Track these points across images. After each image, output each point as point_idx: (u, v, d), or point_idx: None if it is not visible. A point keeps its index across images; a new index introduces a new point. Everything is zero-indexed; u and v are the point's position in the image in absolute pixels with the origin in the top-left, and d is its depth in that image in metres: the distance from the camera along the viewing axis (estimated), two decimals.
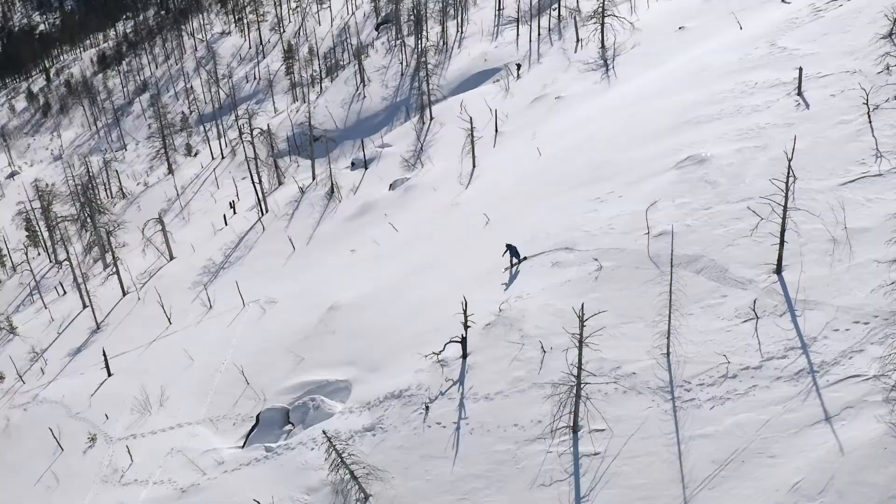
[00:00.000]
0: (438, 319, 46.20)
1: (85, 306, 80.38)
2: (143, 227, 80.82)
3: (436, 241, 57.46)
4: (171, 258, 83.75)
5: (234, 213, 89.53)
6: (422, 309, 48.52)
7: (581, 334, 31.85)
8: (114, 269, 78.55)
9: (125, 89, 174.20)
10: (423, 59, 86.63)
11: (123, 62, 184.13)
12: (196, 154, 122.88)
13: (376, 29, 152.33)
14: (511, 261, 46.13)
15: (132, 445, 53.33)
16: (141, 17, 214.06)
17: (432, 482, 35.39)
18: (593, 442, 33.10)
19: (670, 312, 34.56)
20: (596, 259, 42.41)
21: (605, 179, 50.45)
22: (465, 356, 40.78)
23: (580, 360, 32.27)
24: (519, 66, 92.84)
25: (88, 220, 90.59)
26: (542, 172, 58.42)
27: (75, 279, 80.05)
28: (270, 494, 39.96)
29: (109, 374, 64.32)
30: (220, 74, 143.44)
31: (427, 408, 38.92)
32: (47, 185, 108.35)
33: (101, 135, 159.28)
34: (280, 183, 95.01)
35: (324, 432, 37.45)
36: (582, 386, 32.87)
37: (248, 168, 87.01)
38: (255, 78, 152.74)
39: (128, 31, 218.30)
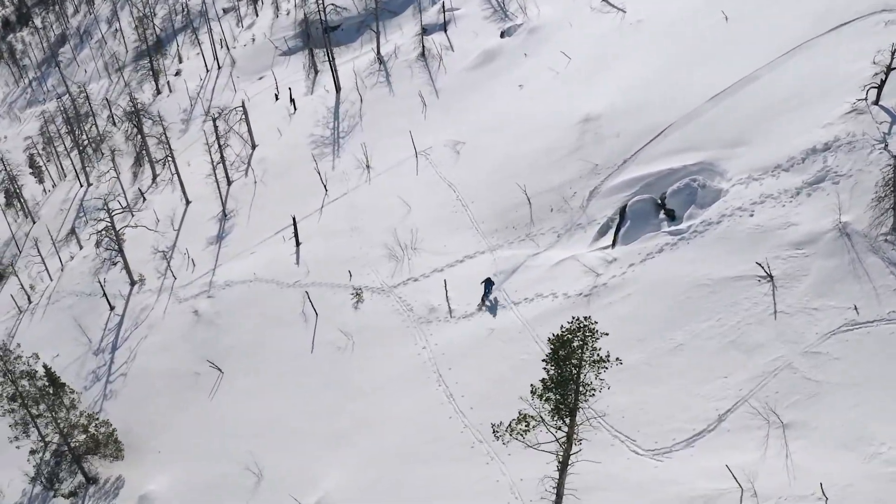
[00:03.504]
0: (786, 82, 39.59)
1: (189, 202, 65.42)
2: (226, 117, 65.93)
3: (658, 46, 49.52)
4: (255, 146, 69.66)
5: (292, 98, 75.82)
6: (742, 86, 41.30)
7: None
8: (218, 159, 63.81)
9: (44, 43, 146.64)
10: None
11: (35, 19, 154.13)
12: (178, 73, 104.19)
13: None
14: (483, 295, 39.68)
15: (408, 287, 43.10)
16: None
17: None
18: None
19: None
20: None
21: None
22: (878, 101, 34.40)
23: None
24: None
25: (134, 129, 73.70)
26: None
27: (178, 175, 64.52)
28: (726, 266, 32.58)
29: (299, 243, 51.91)
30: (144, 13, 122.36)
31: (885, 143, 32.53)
32: (69, 110, 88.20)
33: (34, 87, 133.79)
34: (316, 71, 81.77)
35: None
36: None
37: (327, 45, 73.45)
38: (180, 11, 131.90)
39: None
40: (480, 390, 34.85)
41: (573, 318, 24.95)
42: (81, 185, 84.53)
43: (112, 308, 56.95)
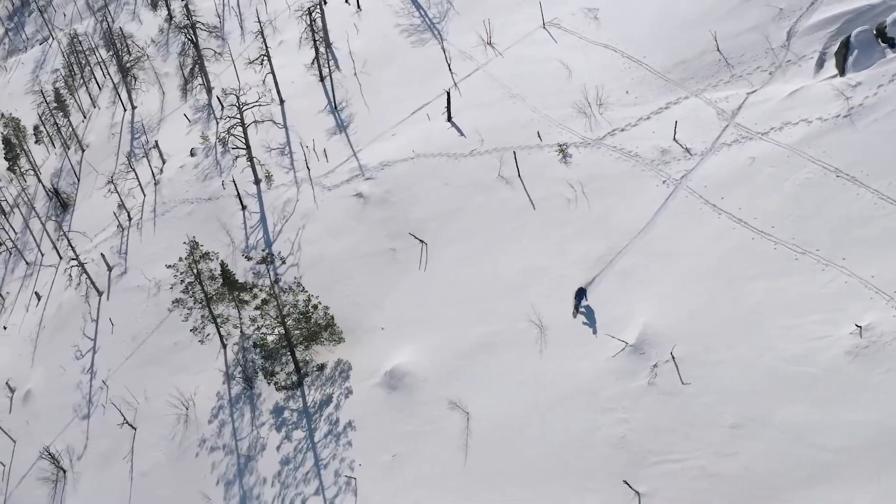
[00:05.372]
0: None
1: (283, 101, 59.67)
2: (310, 14, 59.42)
3: None
4: (329, 43, 63.98)
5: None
6: None
7: None
8: (318, 56, 57.79)
9: None
10: None
11: None
12: None
13: None
14: (576, 304, 34.61)
15: (617, 137, 40.79)
16: None
17: None
18: None
19: None
20: None
21: None
22: None
23: None
24: None
25: (190, 44, 66.47)
26: None
27: (273, 74, 58.34)
28: None
29: (450, 118, 48.33)
30: None
31: None
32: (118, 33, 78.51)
33: (11, 37, 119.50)
34: None
35: None
36: None
37: None
38: None
39: None
40: (773, 210, 33.25)
41: None
42: (125, 109, 75.93)
43: (244, 207, 51.68)
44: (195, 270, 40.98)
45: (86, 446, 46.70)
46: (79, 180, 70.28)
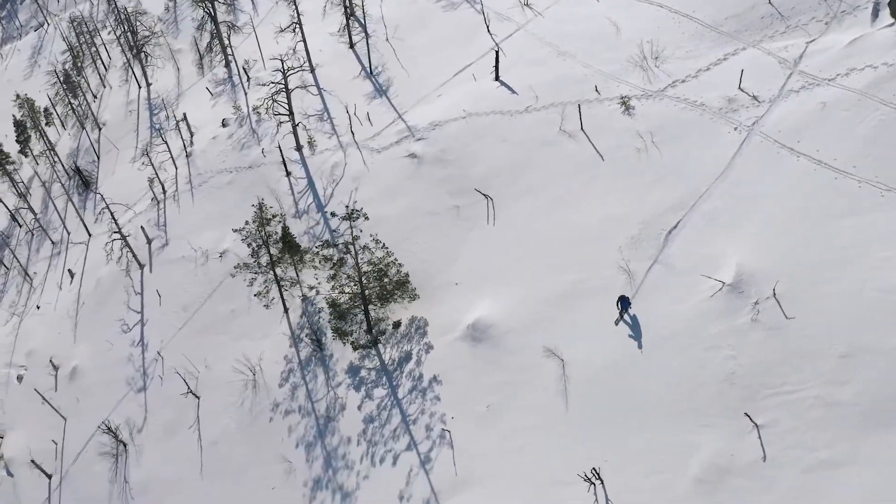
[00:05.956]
0: None
1: (313, 70, 58.67)
2: None
3: None
4: (353, 13, 62.94)
5: None
6: None
7: None
8: (348, 23, 56.98)
9: None
10: None
11: None
12: None
13: None
14: (620, 312, 33.86)
15: (678, 89, 40.95)
16: None
17: None
18: None
19: None
20: None
21: None
22: None
23: None
24: None
25: (208, 17, 64.94)
26: None
27: (304, 42, 57.45)
28: None
29: (497, 77, 48.20)
30: None
31: None
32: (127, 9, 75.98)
33: (4, 25, 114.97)
34: None
35: None
36: None
37: None
38: None
39: None
40: (851, 151, 33.89)
41: None
42: (140, 87, 73.97)
43: (289, 173, 50.92)
44: (263, 233, 40.32)
45: (145, 419, 45.92)
46: (98, 158, 68.44)
